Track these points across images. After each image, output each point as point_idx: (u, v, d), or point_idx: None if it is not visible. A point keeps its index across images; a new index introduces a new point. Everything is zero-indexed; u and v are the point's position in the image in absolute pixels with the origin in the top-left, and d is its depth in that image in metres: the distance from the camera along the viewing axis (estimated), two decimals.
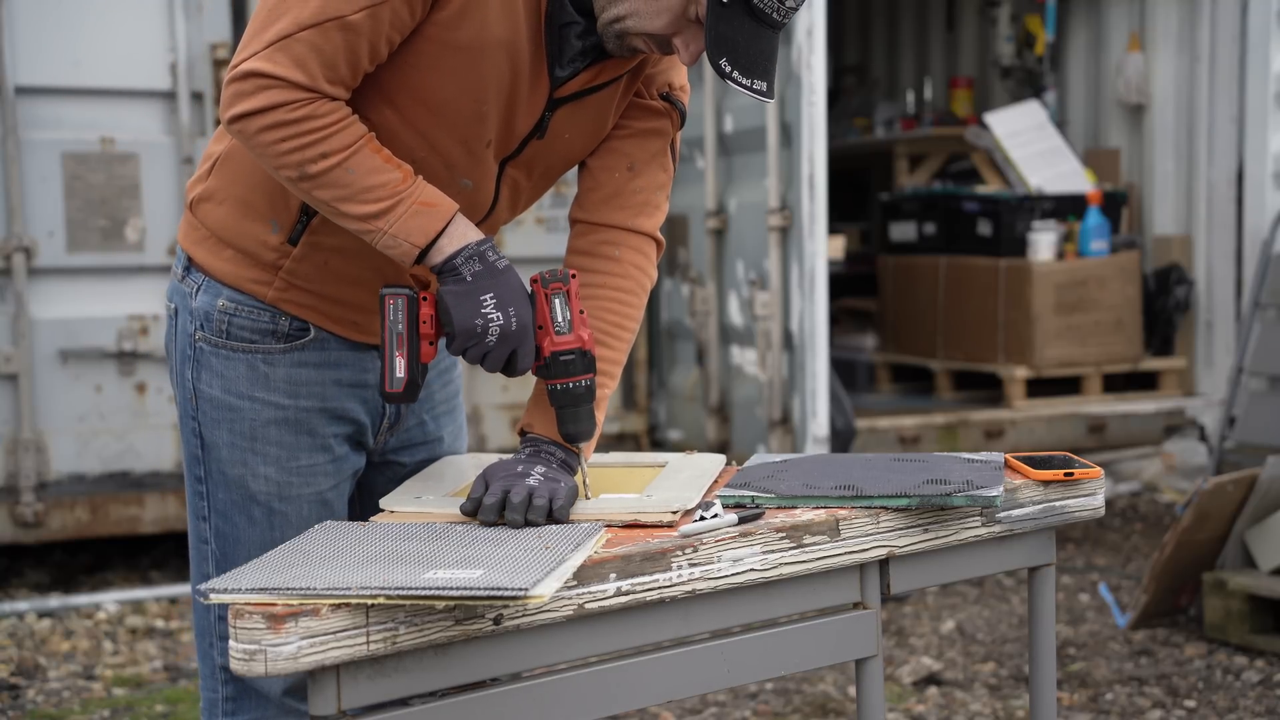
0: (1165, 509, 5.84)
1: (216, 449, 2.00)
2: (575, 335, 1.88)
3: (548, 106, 1.95)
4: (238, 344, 1.98)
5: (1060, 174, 6.09)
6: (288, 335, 1.99)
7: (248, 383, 1.98)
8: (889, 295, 6.58)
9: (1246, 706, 3.66)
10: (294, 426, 1.99)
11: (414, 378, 1.86)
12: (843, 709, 3.72)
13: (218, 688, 2.05)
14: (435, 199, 1.84)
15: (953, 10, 7.74)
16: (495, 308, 1.82)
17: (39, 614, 4.67)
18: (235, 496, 2.00)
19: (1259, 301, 5.22)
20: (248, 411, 1.98)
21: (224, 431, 1.99)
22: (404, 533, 1.77)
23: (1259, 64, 5.72)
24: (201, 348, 1.99)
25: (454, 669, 1.61)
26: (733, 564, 1.77)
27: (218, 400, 1.99)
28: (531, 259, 5.50)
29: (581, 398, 1.89)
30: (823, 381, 4.83)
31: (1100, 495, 2.08)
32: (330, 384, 2.01)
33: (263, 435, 1.98)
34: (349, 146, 1.80)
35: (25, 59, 4.77)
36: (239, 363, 1.98)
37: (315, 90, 1.78)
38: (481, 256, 1.84)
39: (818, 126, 4.78)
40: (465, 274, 1.83)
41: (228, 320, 1.98)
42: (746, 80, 1.79)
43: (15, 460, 4.80)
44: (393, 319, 1.85)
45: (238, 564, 1.98)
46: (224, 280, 1.98)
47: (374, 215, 1.81)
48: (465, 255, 1.83)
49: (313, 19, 1.76)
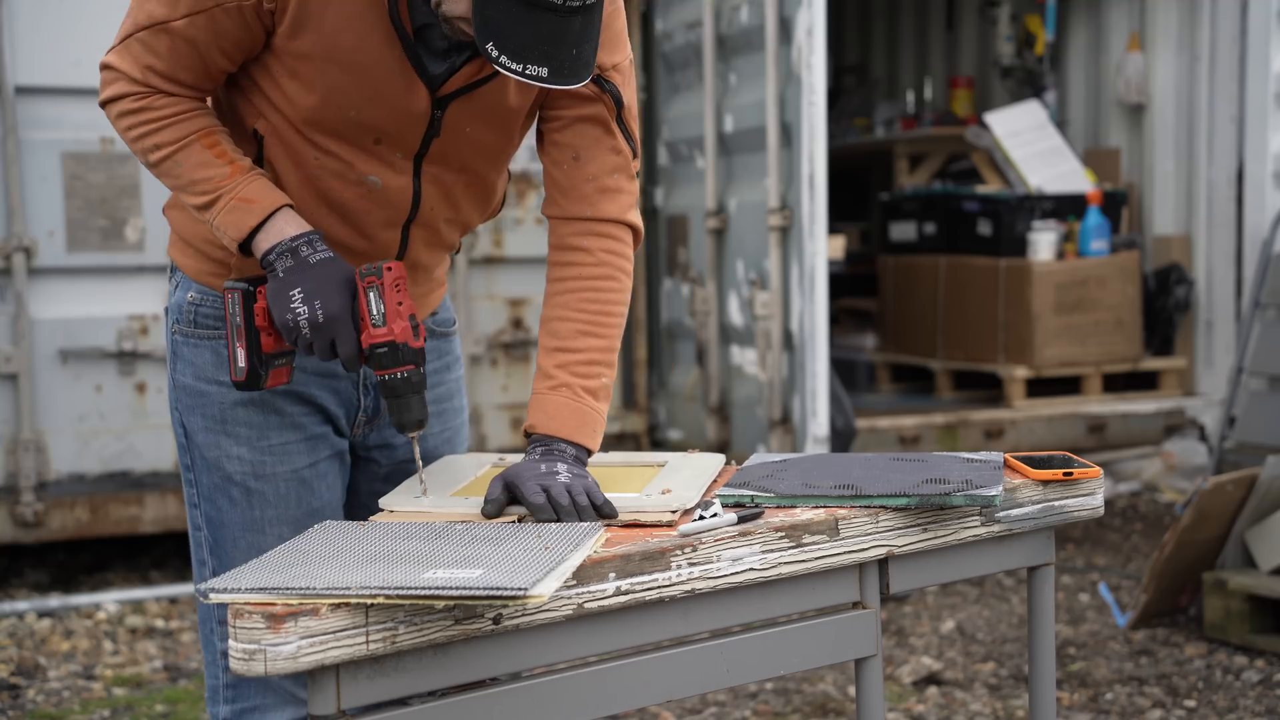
0: (1165, 509, 5.84)
1: (195, 435, 2.07)
2: (389, 328, 1.89)
3: (435, 105, 1.96)
4: (204, 332, 2.06)
5: (1060, 174, 6.08)
6: None
7: (214, 368, 2.05)
8: (889, 295, 6.58)
9: (1246, 706, 3.66)
10: (261, 407, 2.05)
11: (254, 368, 1.93)
12: (843, 709, 3.72)
13: (219, 674, 2.09)
14: (256, 195, 1.91)
15: (953, 10, 7.74)
16: (303, 301, 1.87)
17: (39, 614, 4.67)
18: (215, 479, 2.06)
19: (1259, 301, 5.22)
20: (215, 395, 2.05)
21: (198, 417, 2.06)
22: (403, 532, 1.77)
23: (1259, 64, 5.71)
24: (177, 340, 2.09)
25: (453, 669, 1.61)
26: (732, 563, 1.77)
27: (190, 387, 2.07)
28: (532, 258, 5.51)
29: (401, 388, 1.91)
30: (823, 381, 4.83)
31: (1099, 495, 2.08)
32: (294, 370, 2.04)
33: (231, 417, 2.05)
34: (179, 140, 1.92)
35: (25, 59, 4.77)
36: (205, 350, 2.06)
37: (148, 85, 1.91)
38: (294, 251, 1.89)
39: (818, 126, 4.78)
40: (278, 270, 1.89)
41: (194, 310, 2.07)
42: (517, 65, 1.74)
43: (15, 460, 4.80)
44: (231, 311, 1.93)
45: (226, 547, 2.08)
46: (191, 275, 2.08)
47: (201, 207, 1.93)
48: (278, 251, 1.89)
49: (145, 21, 1.90)
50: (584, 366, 2.00)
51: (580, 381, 1.99)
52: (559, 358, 2.01)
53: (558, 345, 2.01)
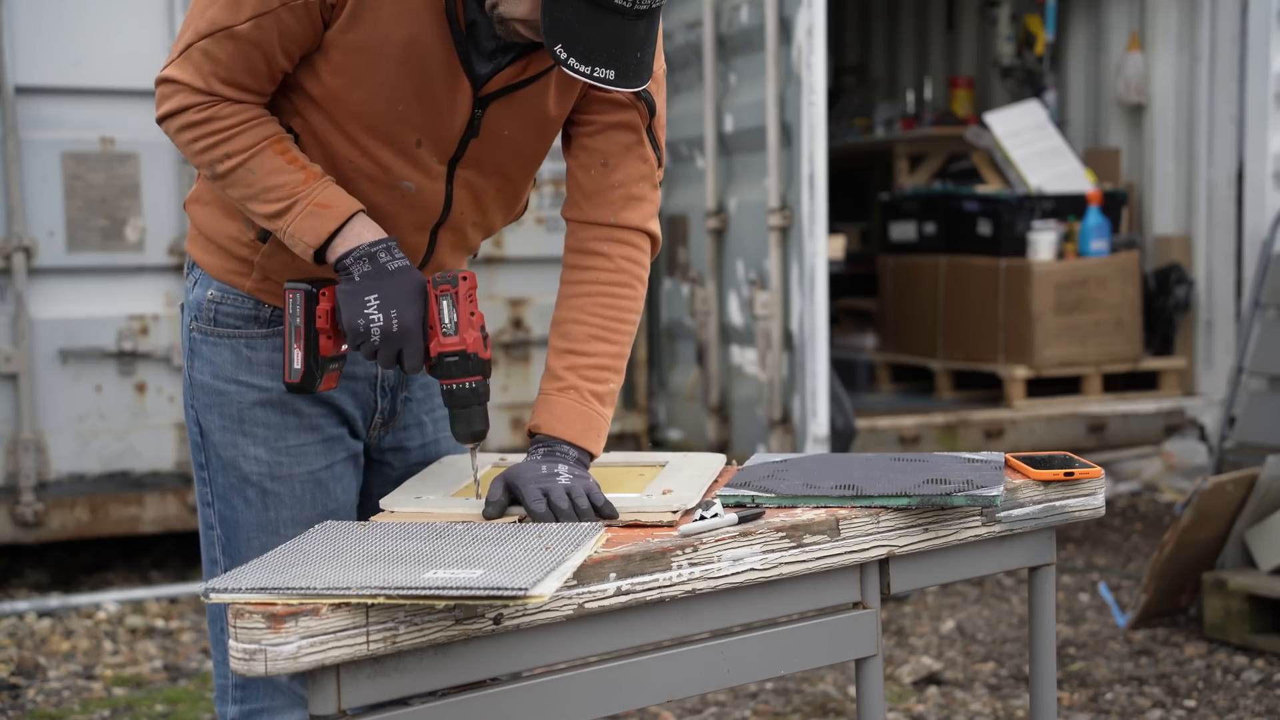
0: (1165, 509, 5.84)
1: (211, 434, 2.06)
2: (460, 337, 1.88)
3: (476, 104, 1.96)
4: (224, 330, 2.05)
5: (1060, 174, 6.08)
6: (269, 321, 2.06)
7: (233, 367, 2.04)
8: (889, 295, 6.58)
9: (1246, 706, 3.66)
10: (279, 407, 2.04)
11: (310, 369, 1.92)
12: (843, 709, 3.72)
13: (228, 674, 2.09)
14: (333, 200, 1.90)
15: (953, 10, 7.74)
16: (378, 308, 1.86)
17: (39, 614, 4.67)
18: (231, 479, 2.06)
19: (1259, 301, 5.22)
20: (234, 395, 2.04)
21: (215, 416, 2.06)
22: (404, 532, 1.77)
23: (1259, 64, 5.71)
24: (195, 337, 2.08)
25: (454, 668, 1.61)
26: (733, 563, 1.77)
27: (208, 386, 2.06)
28: (532, 258, 5.51)
29: (468, 399, 1.90)
30: (823, 381, 4.83)
31: (1100, 495, 2.08)
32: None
33: (249, 417, 2.04)
34: (251, 148, 1.90)
35: (25, 59, 4.77)
36: (224, 348, 2.05)
37: (213, 94, 1.89)
38: (372, 257, 1.88)
39: (818, 126, 4.78)
40: (354, 274, 1.87)
41: (215, 308, 2.06)
42: (585, 68, 1.75)
43: (15, 460, 4.80)
44: (291, 312, 1.91)
45: (240, 547, 2.07)
46: (212, 273, 2.07)
47: (274, 215, 1.90)
48: (355, 256, 1.88)
49: (207, 29, 1.87)
50: (594, 371, 2.01)
51: (589, 385, 2.00)
52: (569, 360, 2.01)
53: (569, 347, 2.02)
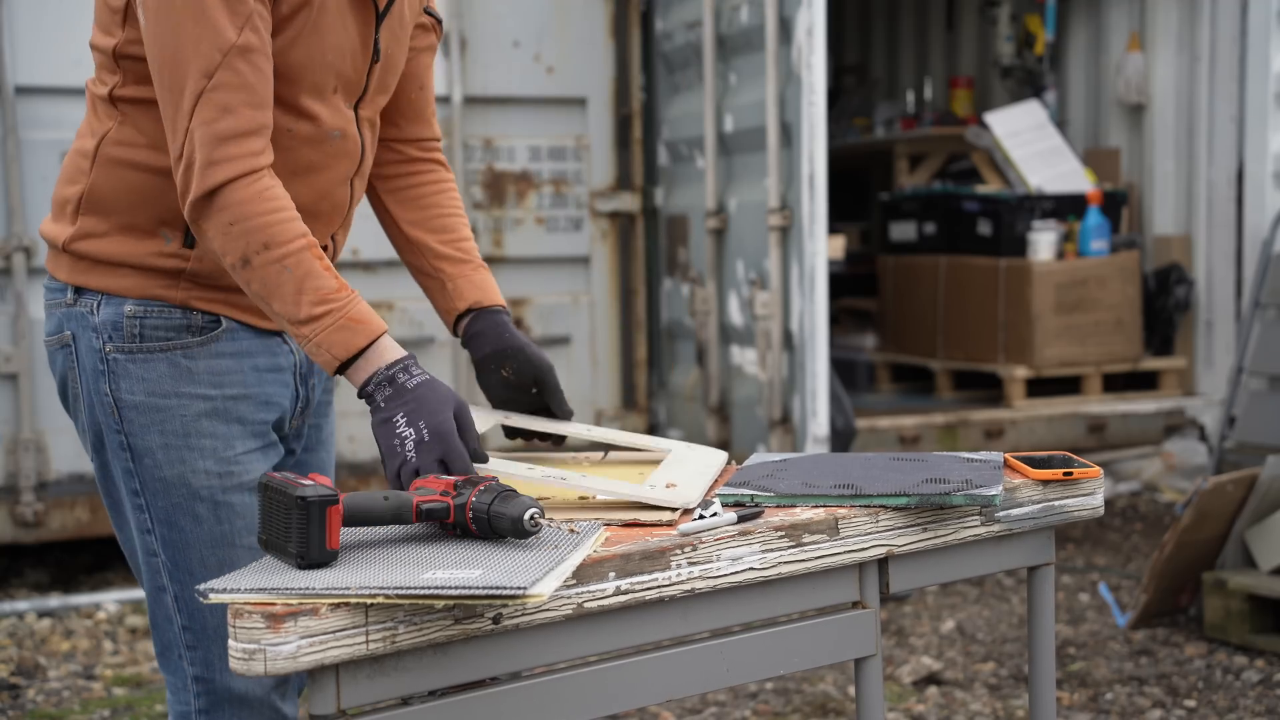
0: (1165, 509, 5.84)
1: (151, 454, 1.97)
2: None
3: (375, 28, 2.02)
4: (154, 345, 1.97)
5: (1060, 174, 6.09)
6: (201, 329, 1.99)
7: (171, 380, 1.96)
8: (889, 295, 6.58)
9: (1246, 706, 3.66)
10: (224, 416, 1.98)
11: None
12: (843, 709, 3.72)
13: (190, 700, 2.02)
14: (364, 317, 1.86)
15: (953, 10, 7.74)
16: (407, 424, 1.83)
17: (39, 614, 4.67)
18: (176, 499, 1.97)
19: (1259, 301, 5.22)
20: (176, 409, 1.96)
21: (155, 434, 1.96)
22: (404, 533, 1.77)
23: (1259, 64, 5.71)
24: (116, 358, 1.97)
25: (453, 668, 1.61)
26: (732, 563, 1.77)
27: (142, 405, 1.96)
28: (532, 258, 5.51)
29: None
30: (823, 381, 4.83)
31: (1099, 495, 2.08)
32: (249, 371, 2.01)
33: (195, 429, 1.97)
34: (291, 242, 1.83)
35: (25, 59, 4.77)
36: (159, 362, 1.96)
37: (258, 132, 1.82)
38: (391, 380, 1.85)
39: (818, 126, 4.78)
40: (379, 401, 1.85)
41: (139, 324, 1.96)
42: None
43: (15, 460, 4.81)
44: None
45: (191, 568, 1.98)
46: (128, 294, 1.97)
47: (301, 320, 1.83)
48: (375, 382, 1.85)
49: (213, 63, 1.80)
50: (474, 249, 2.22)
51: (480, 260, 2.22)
52: (462, 245, 2.19)
53: (454, 237, 2.19)
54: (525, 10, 5.47)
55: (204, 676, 2.00)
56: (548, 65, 5.51)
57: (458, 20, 5.35)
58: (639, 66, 5.70)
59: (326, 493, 1.63)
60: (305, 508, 1.61)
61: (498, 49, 5.44)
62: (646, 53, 5.96)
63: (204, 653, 1.99)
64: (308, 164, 1.97)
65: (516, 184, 5.50)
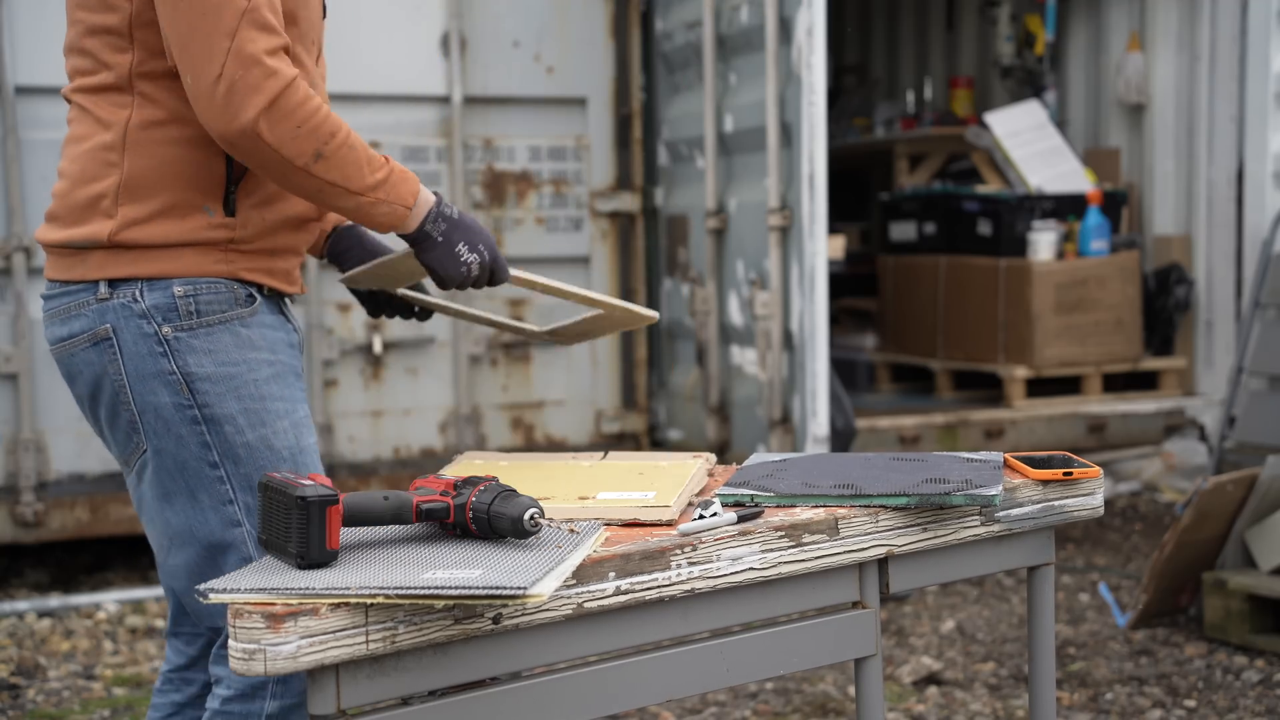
0: (1165, 509, 5.84)
1: (231, 421, 2.01)
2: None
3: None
4: (213, 318, 2.03)
5: (1060, 174, 6.09)
6: (246, 300, 2.07)
7: (237, 349, 2.03)
8: (889, 295, 6.58)
9: (1246, 706, 3.66)
10: (285, 379, 2.08)
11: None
12: (843, 709, 3.72)
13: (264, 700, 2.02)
14: (404, 168, 2.03)
15: (953, 10, 7.74)
16: (468, 251, 2.08)
17: (39, 614, 4.67)
18: (262, 461, 2.03)
19: (1259, 301, 5.22)
20: (247, 374, 2.03)
21: (232, 401, 2.02)
22: (404, 533, 1.77)
23: (1259, 64, 5.71)
24: (178, 337, 2.01)
25: (453, 668, 1.61)
26: (732, 563, 1.77)
27: (215, 375, 2.02)
28: (532, 258, 5.51)
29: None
30: (823, 381, 4.83)
31: (1099, 495, 2.08)
32: (283, 345, 2.12)
33: (268, 392, 2.05)
34: (340, 124, 1.95)
35: (25, 59, 4.77)
36: (222, 333, 2.03)
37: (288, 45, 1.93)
38: (442, 215, 2.06)
39: (818, 126, 4.78)
40: (435, 235, 2.05)
41: (193, 301, 2.02)
42: None
43: (15, 460, 4.81)
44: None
45: None
46: (179, 274, 2.02)
47: (374, 185, 1.97)
48: (431, 219, 2.05)
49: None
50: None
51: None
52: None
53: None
54: (525, 10, 5.47)
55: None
56: (548, 65, 5.51)
57: (458, 20, 5.35)
58: (639, 66, 5.70)
59: (326, 493, 1.63)
60: (305, 508, 1.61)
61: (498, 49, 5.44)
62: (646, 53, 5.96)
63: None
64: None
65: (516, 184, 5.50)
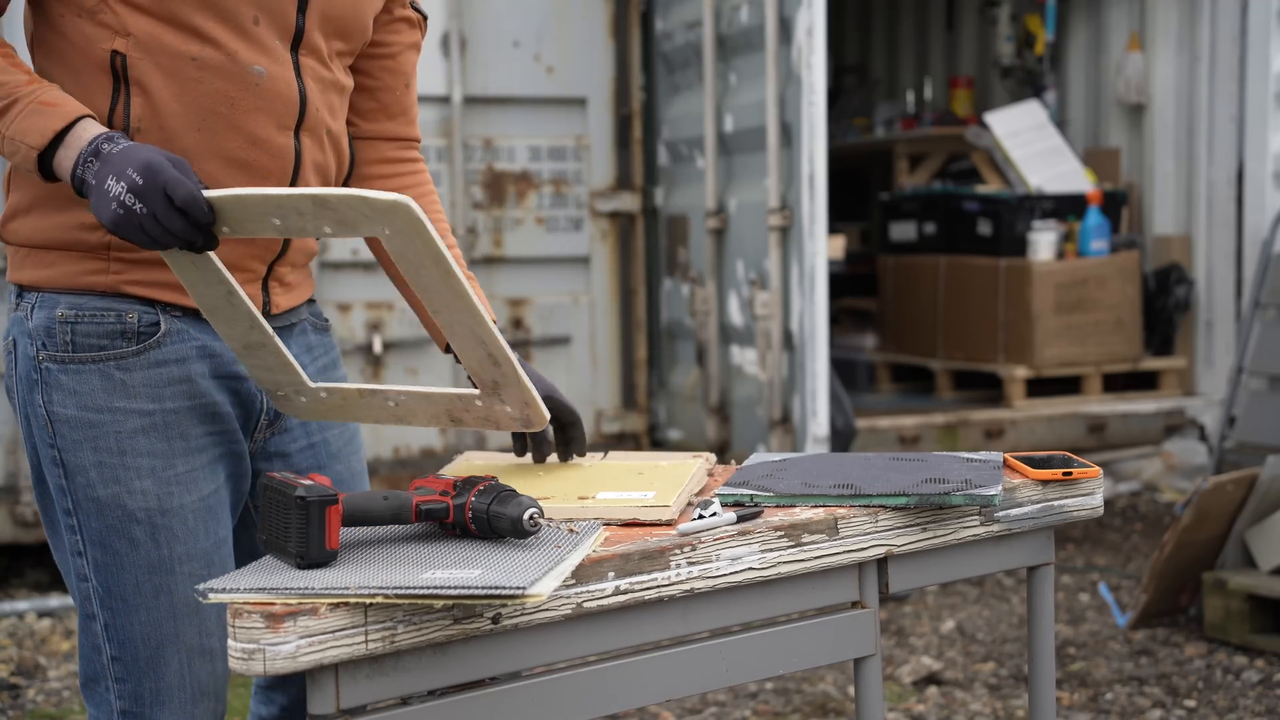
0: (1165, 509, 5.84)
1: (84, 472, 1.82)
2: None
3: None
4: (86, 355, 1.82)
5: (1060, 174, 6.09)
6: (138, 334, 1.84)
7: (104, 394, 1.82)
8: (889, 295, 6.58)
9: (1246, 706, 3.66)
10: (164, 432, 1.84)
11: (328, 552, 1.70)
12: (843, 709, 3.72)
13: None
14: (59, 100, 1.72)
15: (953, 10, 7.75)
16: (115, 182, 1.64)
17: (39, 614, 4.67)
18: (111, 520, 1.83)
19: (1259, 301, 5.22)
20: (110, 425, 1.82)
21: (88, 451, 1.82)
22: (403, 533, 1.77)
23: (1259, 64, 5.72)
24: (48, 368, 1.83)
25: (452, 668, 1.61)
26: (731, 563, 1.77)
27: (74, 420, 1.82)
28: (532, 258, 5.51)
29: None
30: (823, 381, 4.83)
31: (1099, 495, 2.08)
32: (198, 379, 1.87)
33: (131, 447, 1.83)
34: None
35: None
36: (91, 374, 1.82)
37: None
38: (96, 154, 1.68)
39: (818, 126, 4.78)
40: (89, 179, 1.68)
41: (70, 330, 1.82)
42: None
43: (15, 460, 4.80)
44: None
45: (126, 595, 1.84)
46: (58, 287, 1.84)
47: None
48: (82, 162, 1.69)
49: None
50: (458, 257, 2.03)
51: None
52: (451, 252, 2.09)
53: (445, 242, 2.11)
54: (525, 10, 5.47)
55: (132, 711, 1.86)
56: (548, 65, 5.52)
57: (458, 20, 5.35)
58: (639, 66, 5.70)
59: (326, 492, 1.63)
60: (305, 507, 1.61)
61: (497, 49, 5.44)
62: (646, 53, 5.96)
63: (134, 686, 1.85)
64: (224, 97, 1.81)
65: (516, 184, 5.50)
